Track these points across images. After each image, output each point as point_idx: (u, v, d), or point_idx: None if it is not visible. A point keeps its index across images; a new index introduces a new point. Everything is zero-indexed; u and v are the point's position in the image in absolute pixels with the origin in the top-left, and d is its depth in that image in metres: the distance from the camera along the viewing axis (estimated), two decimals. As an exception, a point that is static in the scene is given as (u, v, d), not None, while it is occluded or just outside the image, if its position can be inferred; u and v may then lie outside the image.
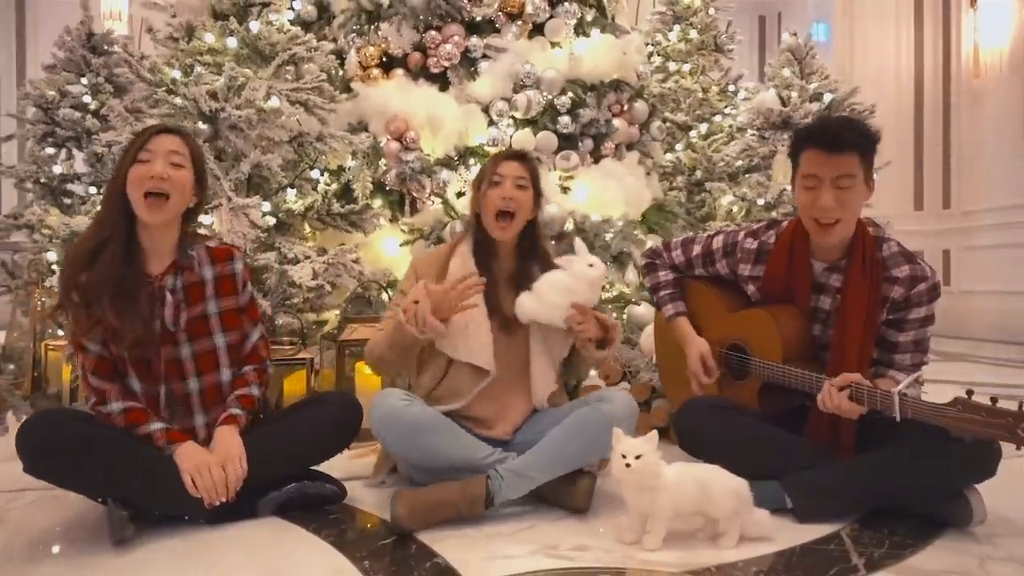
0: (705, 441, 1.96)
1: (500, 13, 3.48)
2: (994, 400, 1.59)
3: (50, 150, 3.68)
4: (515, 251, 2.08)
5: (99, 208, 1.88)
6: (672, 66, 4.84)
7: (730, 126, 4.45)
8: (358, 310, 3.12)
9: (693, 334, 2.16)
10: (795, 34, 4.21)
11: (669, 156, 4.56)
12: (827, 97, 4.00)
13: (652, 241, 3.66)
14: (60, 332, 2.99)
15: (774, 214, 3.92)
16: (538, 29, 3.57)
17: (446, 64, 3.36)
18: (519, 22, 3.51)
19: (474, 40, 3.42)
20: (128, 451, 1.68)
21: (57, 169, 3.61)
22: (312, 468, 1.93)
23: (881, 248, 1.90)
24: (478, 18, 3.45)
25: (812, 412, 1.93)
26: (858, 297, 1.86)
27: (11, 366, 3.32)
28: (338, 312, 3.11)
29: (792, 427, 1.96)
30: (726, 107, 4.65)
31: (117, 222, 1.76)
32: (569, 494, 1.85)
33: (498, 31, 3.49)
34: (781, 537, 1.68)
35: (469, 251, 2.06)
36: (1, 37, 7.88)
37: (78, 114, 3.59)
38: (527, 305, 1.97)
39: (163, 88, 2.64)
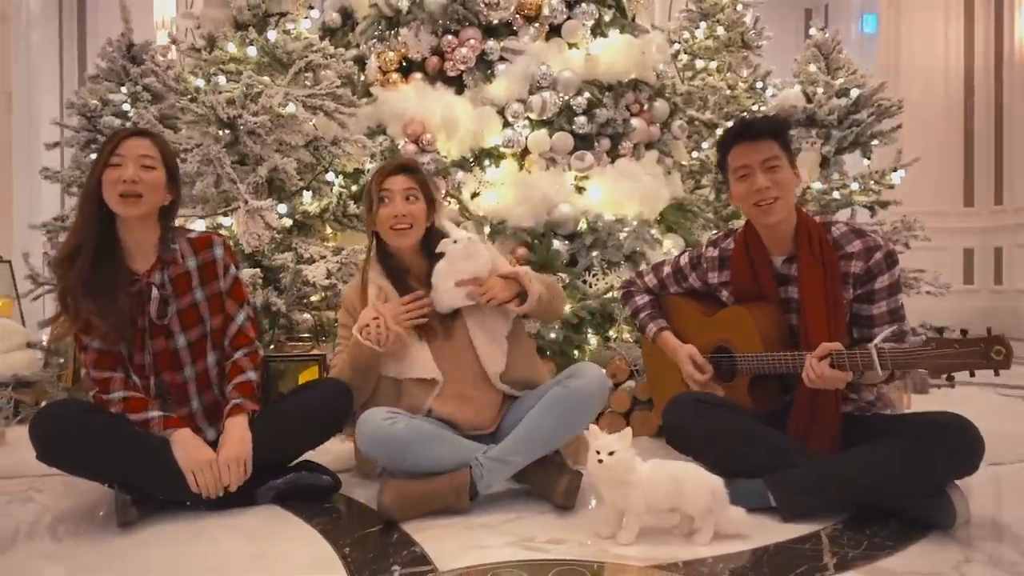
0: (690, 436, 1.99)
1: (517, 16, 3.52)
2: (964, 332, 1.66)
3: (93, 156, 3.88)
4: (421, 254, 2.12)
5: (77, 209, 1.95)
6: (699, 63, 4.80)
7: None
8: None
9: (678, 343, 2.22)
10: (822, 29, 4.14)
11: (696, 154, 4.54)
12: (854, 92, 3.93)
13: (671, 240, 3.66)
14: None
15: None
16: (555, 31, 3.60)
17: (462, 68, 3.42)
18: (536, 24, 3.55)
19: (491, 43, 3.47)
20: (133, 440, 1.79)
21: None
22: (310, 460, 2.03)
23: (830, 231, 1.97)
24: (495, 21, 3.50)
25: (794, 401, 1.95)
26: (813, 278, 1.91)
27: (60, 359, 3.53)
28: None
29: (783, 426, 1.97)
30: (754, 104, 4.59)
31: (91, 223, 1.83)
32: (552, 491, 1.89)
33: (515, 34, 3.54)
34: (760, 535, 1.69)
35: (380, 274, 2.10)
36: (65, 44, 8.27)
37: (118, 122, 3.77)
38: (435, 299, 2.04)
39: (187, 96, 2.77)
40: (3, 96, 6.82)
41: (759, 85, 4.69)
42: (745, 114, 4.56)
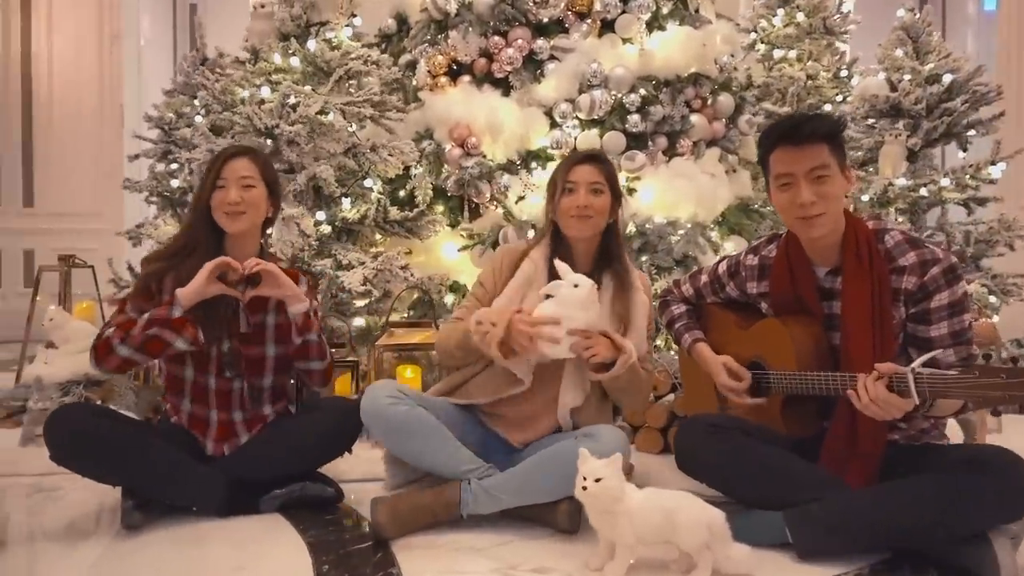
0: (701, 463, 1.83)
1: (568, 12, 3.42)
2: (1015, 360, 1.41)
3: (173, 166, 4.10)
4: (594, 255, 2.03)
5: (186, 217, 2.12)
6: (778, 53, 4.51)
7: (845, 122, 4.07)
8: (422, 313, 3.22)
9: (713, 354, 2.03)
10: (912, 9, 3.77)
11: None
12: (947, 78, 3.56)
13: (732, 243, 3.46)
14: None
15: (885, 211, 3.56)
16: (608, 26, 3.47)
17: (508, 69, 3.36)
18: (588, 20, 3.44)
19: (540, 42, 3.39)
20: (143, 446, 1.84)
21: (175, 183, 4.01)
22: (316, 471, 2.03)
23: (883, 240, 1.74)
24: (545, 19, 3.42)
25: (831, 428, 1.76)
26: (859, 292, 1.71)
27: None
28: (405, 316, 3.23)
29: (814, 455, 1.79)
30: (838, 95, 4.26)
31: (204, 232, 1.97)
32: (552, 515, 1.80)
33: (566, 31, 3.44)
34: (768, 575, 1.54)
35: (543, 257, 2.01)
36: (179, 60, 8.81)
37: (191, 134, 3.97)
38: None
39: (233, 109, 2.85)
40: (116, 108, 7.35)
41: (844, 74, 4.35)
42: (829, 106, 4.25)
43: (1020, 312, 3.36)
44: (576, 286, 1.82)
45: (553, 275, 1.88)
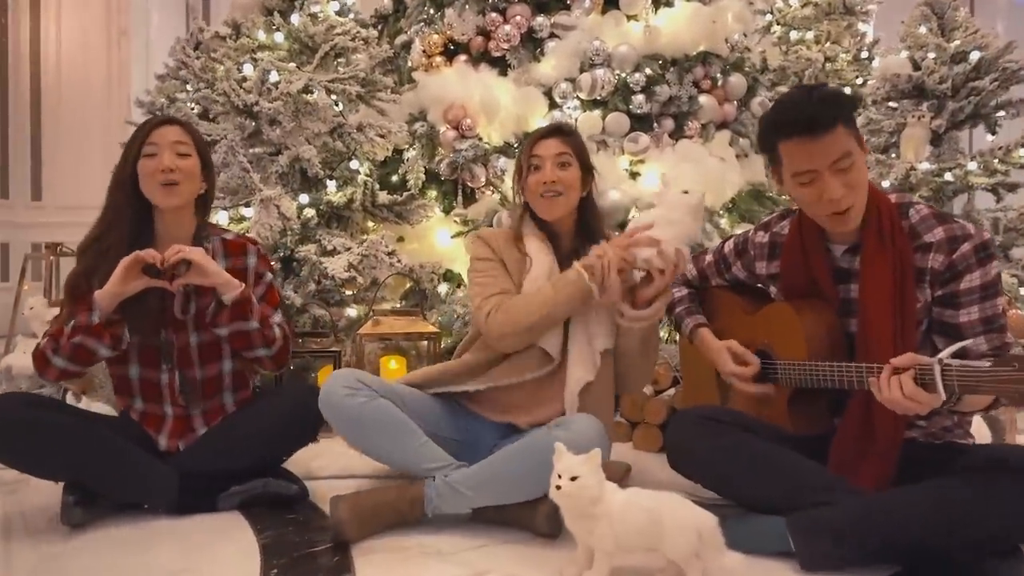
0: (693, 460, 1.65)
1: (570, -12, 3.25)
2: None
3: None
4: (573, 232, 1.90)
5: (108, 195, 1.89)
6: (795, 35, 4.30)
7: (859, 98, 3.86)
8: (413, 303, 3.06)
9: (716, 340, 1.84)
10: (938, -15, 3.55)
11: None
12: (974, 56, 3.34)
13: (742, 230, 3.26)
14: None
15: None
16: (612, 3, 3.30)
17: (505, 47, 3.20)
18: (591, -4, 3.26)
19: (540, 19, 3.22)
20: (85, 438, 1.70)
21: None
22: (281, 466, 1.88)
23: (907, 214, 1.55)
24: (545, -5, 3.25)
25: (842, 424, 1.58)
26: (880, 275, 1.52)
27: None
28: (396, 306, 3.07)
29: (822, 455, 1.60)
30: (858, 77, 4.05)
31: (124, 213, 1.80)
32: (530, 517, 1.63)
33: (568, 8, 3.27)
34: (768, 589, 1.36)
35: (534, 233, 1.88)
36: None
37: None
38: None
39: (213, 87, 2.72)
40: (124, 101, 7.30)
41: (864, 55, 4.13)
42: (849, 89, 4.03)
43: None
44: (686, 192, 1.71)
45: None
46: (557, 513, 1.59)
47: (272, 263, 2.19)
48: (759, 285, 1.90)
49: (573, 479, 1.35)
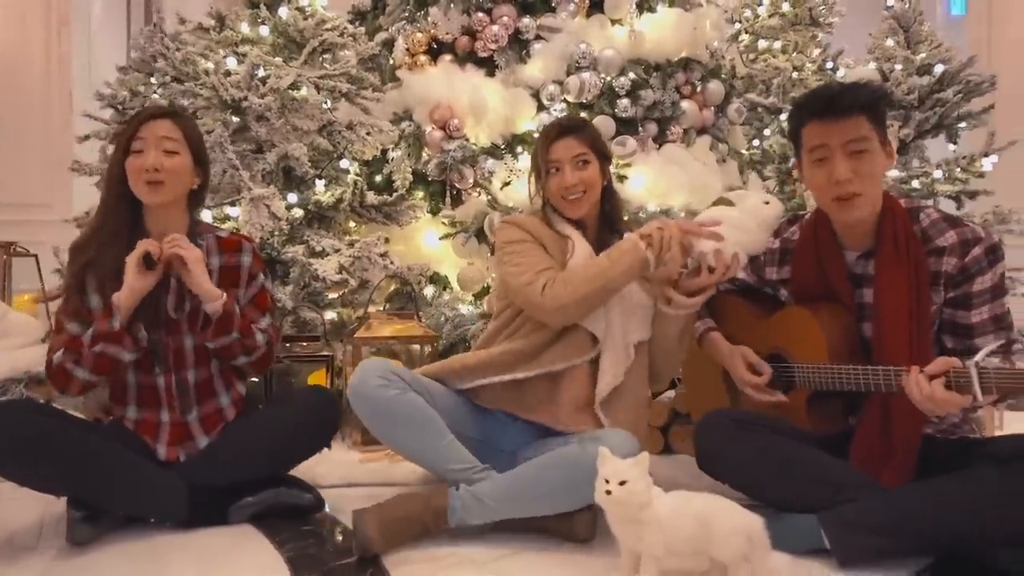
0: (726, 463, 1.66)
1: (555, -10, 3.25)
2: None
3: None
4: (598, 222, 1.90)
5: (102, 193, 1.84)
6: (763, 44, 4.41)
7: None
8: (400, 306, 3.00)
9: (728, 345, 1.86)
10: (903, -1, 3.70)
11: (758, 143, 4.15)
12: (938, 68, 3.48)
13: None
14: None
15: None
16: (597, 6, 3.31)
17: (493, 47, 3.17)
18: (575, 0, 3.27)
19: (526, 21, 3.21)
20: (91, 450, 1.59)
21: (128, 166, 3.72)
22: (290, 475, 1.81)
23: (918, 219, 1.60)
24: (531, -3, 3.24)
25: (862, 424, 1.61)
26: (895, 280, 1.56)
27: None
28: (381, 308, 3.00)
29: (843, 453, 1.64)
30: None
31: (122, 212, 1.73)
32: (566, 523, 1.61)
33: (553, 10, 3.26)
34: (808, 588, 1.38)
35: (565, 222, 1.86)
36: (132, 44, 8.40)
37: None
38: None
39: (197, 81, 2.61)
40: (64, 94, 6.95)
41: (829, 65, 4.26)
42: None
43: (1016, 306, 3.28)
44: (767, 203, 1.71)
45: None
46: (596, 519, 1.59)
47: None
48: (766, 290, 1.93)
49: (622, 484, 1.34)
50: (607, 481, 1.35)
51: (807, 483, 1.56)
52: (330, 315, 2.84)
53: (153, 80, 3.74)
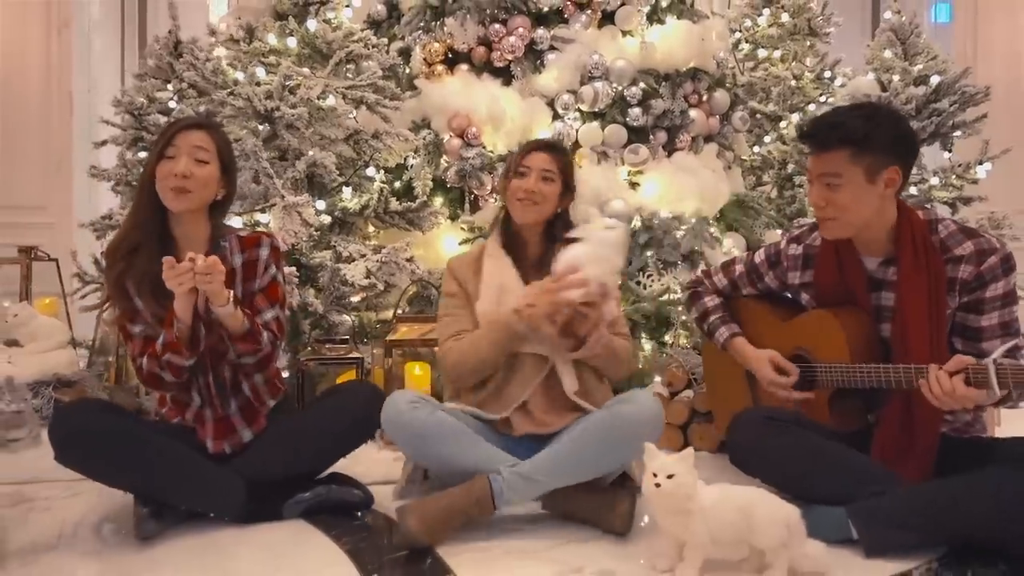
0: (760, 458, 1.77)
1: (568, 2, 3.34)
2: None
3: (141, 154, 3.85)
4: (543, 238, 2.00)
5: (135, 196, 1.87)
6: (762, 53, 4.53)
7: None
8: (419, 309, 3.08)
9: (754, 349, 1.98)
10: (899, 12, 3.83)
11: (757, 149, 4.28)
12: (934, 79, 3.62)
13: (731, 239, 3.43)
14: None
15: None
16: (608, 18, 3.41)
17: (509, 57, 3.26)
18: (588, 11, 3.37)
19: (540, 32, 3.30)
20: (157, 446, 1.67)
21: (145, 172, 3.77)
22: (338, 473, 1.89)
23: (936, 230, 1.73)
24: (544, 9, 3.33)
25: (882, 422, 1.73)
26: (916, 286, 1.68)
27: (110, 358, 3.49)
28: (402, 312, 3.08)
29: (864, 449, 1.75)
30: (821, 95, 4.31)
31: (150, 216, 1.78)
32: (606, 516, 1.70)
33: (566, 21, 3.36)
34: (840, 573, 1.48)
35: (498, 245, 1.99)
36: (127, 46, 8.39)
37: (164, 119, 3.73)
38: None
39: (226, 90, 2.68)
40: (64, 96, 6.95)
41: (827, 74, 4.40)
42: (814, 106, 4.28)
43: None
44: (610, 227, 1.81)
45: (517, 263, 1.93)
46: (632, 514, 1.69)
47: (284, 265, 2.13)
48: (787, 294, 2.04)
49: (669, 477, 1.44)
50: (655, 475, 1.45)
51: (836, 475, 1.67)
52: (346, 319, 2.92)
53: (170, 87, 3.81)
